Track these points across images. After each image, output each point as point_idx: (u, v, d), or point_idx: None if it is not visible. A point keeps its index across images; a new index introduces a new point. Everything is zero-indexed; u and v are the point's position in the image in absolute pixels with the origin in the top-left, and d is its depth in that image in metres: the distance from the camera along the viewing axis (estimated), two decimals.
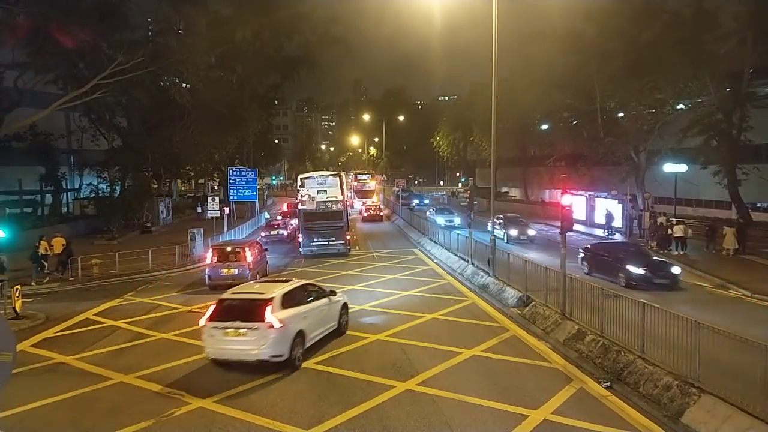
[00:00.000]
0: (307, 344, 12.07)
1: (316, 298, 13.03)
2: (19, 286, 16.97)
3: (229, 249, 20.98)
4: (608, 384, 10.10)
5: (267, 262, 23.92)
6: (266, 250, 24.54)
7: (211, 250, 21.68)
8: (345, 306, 14.32)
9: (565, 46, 38.58)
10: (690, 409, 8.50)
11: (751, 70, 31.37)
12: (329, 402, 9.70)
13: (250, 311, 11.26)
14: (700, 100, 33.11)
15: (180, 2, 38.21)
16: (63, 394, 10.32)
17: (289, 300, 11.92)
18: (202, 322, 11.59)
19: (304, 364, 11.62)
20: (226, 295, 12.26)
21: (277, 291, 11.89)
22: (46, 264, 22.57)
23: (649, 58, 32.34)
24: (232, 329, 11.09)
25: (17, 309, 16.21)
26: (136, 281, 22.61)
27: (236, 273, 20.02)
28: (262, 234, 34.89)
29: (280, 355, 11.08)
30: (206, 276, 20.58)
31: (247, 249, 20.84)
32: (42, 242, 22.70)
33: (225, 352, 11.31)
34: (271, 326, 10.99)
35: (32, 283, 21.27)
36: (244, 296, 12.12)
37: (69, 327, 15.62)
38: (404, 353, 12.30)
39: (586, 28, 37.39)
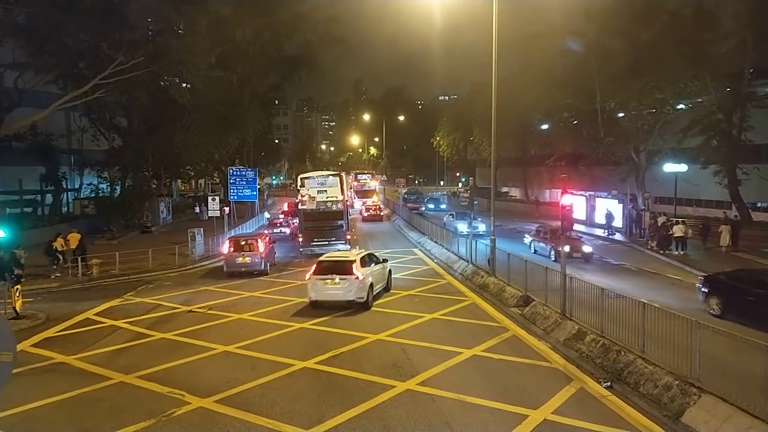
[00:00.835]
0: (374, 293, 17.19)
1: (376, 263, 18.23)
2: (19, 286, 17.00)
3: (243, 241, 23.74)
4: (608, 384, 10.10)
5: (275, 253, 26.50)
6: (275, 242, 27.65)
7: (228, 241, 24.22)
8: (391, 271, 19.59)
9: (565, 45, 38.58)
10: (690, 408, 8.50)
11: (751, 70, 31.41)
12: (329, 402, 9.69)
13: (341, 268, 16.35)
14: (700, 100, 33.13)
15: (180, 2, 38.23)
16: (63, 394, 10.31)
17: (364, 262, 17.07)
18: (308, 276, 16.63)
19: (305, 363, 11.65)
20: (323, 258, 17.54)
21: (357, 256, 17.28)
22: (62, 258, 23.51)
23: (649, 58, 32.38)
24: (329, 280, 16.21)
25: (17, 309, 16.23)
26: (136, 281, 22.61)
27: (250, 261, 22.86)
28: (265, 232, 34.98)
29: (362, 298, 16.16)
30: (224, 264, 23.36)
31: (259, 240, 23.73)
32: (59, 239, 23.83)
33: (324, 296, 16.39)
34: (357, 278, 16.10)
35: (51, 276, 22.64)
36: (335, 259, 17.28)
37: (69, 327, 15.61)
38: (404, 353, 12.29)
39: (586, 27, 37.40)
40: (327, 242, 27.89)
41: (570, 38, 37.60)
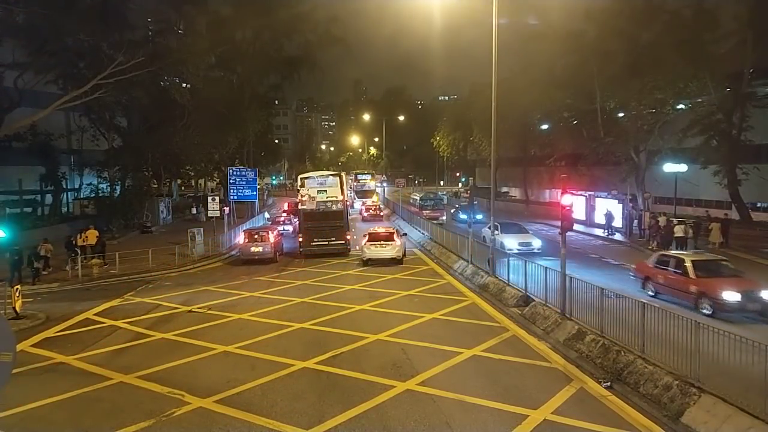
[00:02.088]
0: (402, 254, 25.12)
1: (402, 236, 27.09)
2: (19, 286, 17.03)
3: (256, 233, 27.46)
4: (608, 384, 10.10)
5: (283, 243, 29.92)
6: (282, 235, 31.52)
7: (243, 232, 28.39)
8: (405, 242, 27.40)
9: (565, 46, 38.54)
10: (690, 409, 8.49)
11: (751, 70, 31.38)
12: (329, 402, 9.69)
13: (386, 237, 25.41)
14: (700, 100, 33.11)
15: (180, 2, 38.19)
16: (63, 394, 10.32)
17: (397, 234, 26.20)
18: (363, 242, 25.44)
19: (305, 363, 11.68)
20: (371, 231, 26.69)
21: (393, 229, 26.75)
22: (79, 253, 24.37)
23: (649, 58, 32.31)
24: (378, 245, 24.69)
25: (17, 309, 16.23)
26: (136, 281, 22.62)
27: (262, 250, 26.35)
28: (273, 226, 35.20)
29: (399, 256, 24.66)
30: (239, 252, 27.31)
31: (269, 232, 27.75)
32: (81, 235, 25.97)
33: (375, 255, 24.46)
34: (396, 243, 24.87)
35: (66, 268, 23.47)
36: (381, 231, 26.56)
37: (69, 327, 15.62)
38: (404, 353, 12.29)
39: (586, 28, 37.33)
40: (327, 242, 27.85)
41: (570, 39, 37.50)
